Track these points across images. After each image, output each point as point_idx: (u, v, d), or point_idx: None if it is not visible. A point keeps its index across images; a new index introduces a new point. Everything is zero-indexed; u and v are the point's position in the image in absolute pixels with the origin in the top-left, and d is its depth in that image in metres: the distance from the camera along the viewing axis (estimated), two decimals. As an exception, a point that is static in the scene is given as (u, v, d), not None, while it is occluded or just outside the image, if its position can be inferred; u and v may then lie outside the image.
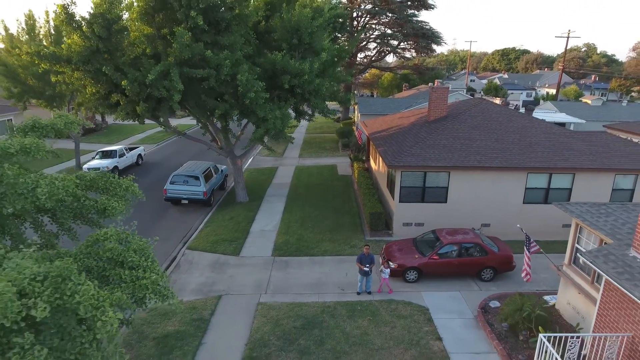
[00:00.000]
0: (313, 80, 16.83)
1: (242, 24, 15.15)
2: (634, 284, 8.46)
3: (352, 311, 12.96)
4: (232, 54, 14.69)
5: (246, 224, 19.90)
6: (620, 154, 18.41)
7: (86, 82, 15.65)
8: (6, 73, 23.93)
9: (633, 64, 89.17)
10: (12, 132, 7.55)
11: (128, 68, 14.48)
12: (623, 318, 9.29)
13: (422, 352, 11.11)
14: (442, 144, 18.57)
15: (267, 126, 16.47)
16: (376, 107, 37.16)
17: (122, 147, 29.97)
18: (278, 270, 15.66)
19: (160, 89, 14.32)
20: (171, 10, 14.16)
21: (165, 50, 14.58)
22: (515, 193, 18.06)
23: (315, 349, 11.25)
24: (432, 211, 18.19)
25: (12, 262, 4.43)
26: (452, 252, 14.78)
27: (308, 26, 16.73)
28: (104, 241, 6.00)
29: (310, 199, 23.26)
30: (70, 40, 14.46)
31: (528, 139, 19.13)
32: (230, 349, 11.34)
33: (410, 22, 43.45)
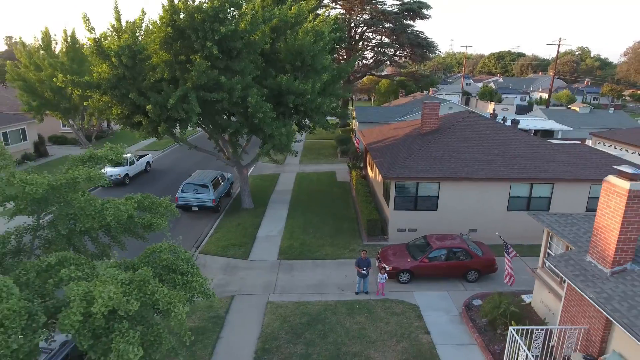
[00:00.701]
0: (315, 99, 18.52)
1: (252, 51, 16.80)
2: (586, 285, 10.14)
3: (351, 309, 14.61)
4: (243, 78, 16.35)
5: (253, 230, 21.52)
6: (596, 166, 20.12)
7: (113, 105, 17.29)
8: (25, 88, 25.46)
9: (624, 68, 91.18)
10: (72, 162, 9.12)
11: (150, 92, 16.13)
12: (580, 313, 10.99)
13: (412, 344, 12.78)
14: (433, 156, 20.26)
15: (274, 142, 18.17)
16: (373, 115, 38.86)
17: (132, 156, 31.50)
18: (284, 272, 17.30)
19: (179, 111, 15.98)
20: (188, 40, 15.80)
21: (183, 75, 16.25)
22: (499, 201, 19.76)
23: (319, 342, 12.89)
24: (424, 218, 19.87)
25: (105, 270, 6.01)
26: (441, 256, 16.46)
27: (310, 49, 18.40)
28: (160, 252, 7.59)
29: (312, 205, 24.89)
30: (100, 69, 16.07)
31: (512, 151, 20.84)
32: (244, 342, 12.97)
33: (406, 33, 45.18)
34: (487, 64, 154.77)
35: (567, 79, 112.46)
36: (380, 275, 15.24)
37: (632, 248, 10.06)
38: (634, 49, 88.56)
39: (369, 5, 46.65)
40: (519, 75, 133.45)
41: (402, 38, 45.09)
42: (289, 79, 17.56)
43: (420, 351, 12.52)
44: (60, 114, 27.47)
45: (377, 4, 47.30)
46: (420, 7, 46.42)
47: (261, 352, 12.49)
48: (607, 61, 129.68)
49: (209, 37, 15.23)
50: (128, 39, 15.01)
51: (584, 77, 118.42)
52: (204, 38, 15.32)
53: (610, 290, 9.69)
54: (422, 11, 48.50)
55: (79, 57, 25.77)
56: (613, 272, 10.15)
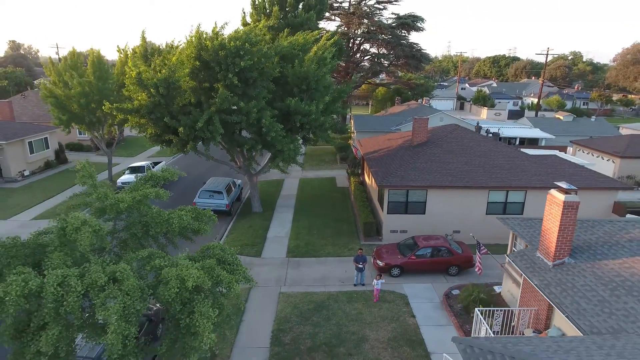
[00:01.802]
0: (319, 117, 21.37)
1: (265, 78, 19.60)
2: (534, 275, 13.02)
3: (350, 298, 17.45)
4: (258, 102, 19.17)
5: (263, 231, 24.34)
6: (564, 175, 23.01)
7: (148, 126, 20.08)
8: (56, 104, 28.24)
9: (613, 74, 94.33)
10: (138, 182, 11.86)
11: (180, 115, 18.94)
12: (532, 298, 13.86)
13: (400, 325, 15.63)
14: (422, 167, 23.14)
15: (284, 156, 21.02)
16: (370, 124, 41.78)
17: (149, 163, 34.29)
18: (292, 268, 20.14)
19: (205, 132, 18.77)
20: (212, 71, 18.59)
21: (207, 100, 19.06)
22: (479, 206, 22.63)
23: (324, 323, 15.73)
24: (413, 221, 22.73)
25: (182, 261, 8.78)
26: (427, 254, 19.33)
27: (314, 75, 21.25)
28: (212, 249, 10.34)
29: (314, 209, 27.72)
30: (139, 97, 18.86)
31: (491, 162, 23.73)
32: (263, 324, 15.80)
33: (401, 46, 48.09)
34: (482, 68, 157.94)
35: (559, 85, 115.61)
36: (376, 282, 17.21)
37: (568, 246, 12.95)
38: (622, 55, 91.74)
39: (366, 19, 49.60)
40: (514, 79, 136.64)
41: (397, 50, 48.01)
42: (297, 102, 20.41)
43: (406, 330, 15.37)
44: (85, 127, 30.21)
45: (373, 16, 50.26)
46: (415, 21, 49.36)
47: (277, 332, 15.32)
48: (599, 65, 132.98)
49: (230, 70, 18.05)
50: (165, 73, 17.82)
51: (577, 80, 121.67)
52: (226, 70, 18.14)
53: (550, 278, 12.57)
54: (417, 24, 51.47)
55: (104, 75, 28.55)
56: (554, 264, 13.03)
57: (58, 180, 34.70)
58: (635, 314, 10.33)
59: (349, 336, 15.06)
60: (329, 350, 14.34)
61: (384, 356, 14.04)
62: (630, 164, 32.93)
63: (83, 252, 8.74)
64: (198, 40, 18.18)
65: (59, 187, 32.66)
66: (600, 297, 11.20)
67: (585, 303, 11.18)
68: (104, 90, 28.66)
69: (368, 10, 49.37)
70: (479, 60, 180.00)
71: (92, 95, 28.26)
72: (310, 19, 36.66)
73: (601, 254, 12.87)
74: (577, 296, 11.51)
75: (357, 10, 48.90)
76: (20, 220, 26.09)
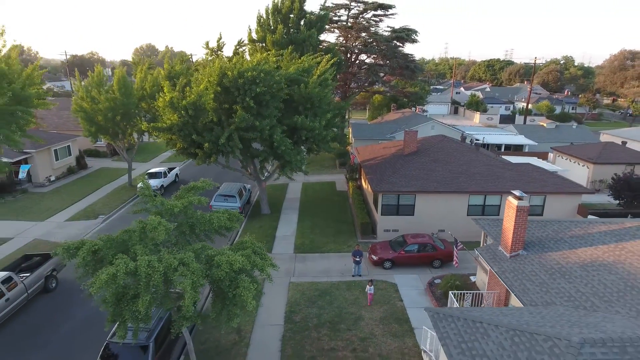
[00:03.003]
0: (321, 132, 24.71)
1: (276, 100, 22.92)
2: (494, 264, 16.37)
3: (349, 286, 20.78)
4: (270, 120, 22.50)
5: (272, 231, 27.64)
6: (535, 181, 26.42)
7: (177, 141, 23.39)
8: (85, 117, 31.53)
9: (601, 79, 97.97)
10: (183, 190, 15.09)
11: (205, 132, 22.25)
12: (495, 283, 17.21)
13: (390, 307, 18.97)
14: (411, 174, 26.50)
15: (291, 166, 24.37)
16: (367, 132, 45.14)
17: (165, 169, 37.56)
18: (299, 262, 23.46)
19: (227, 147, 22.07)
20: (232, 95, 21.89)
21: (227, 119, 22.37)
22: (461, 208, 25.99)
23: (327, 306, 19.05)
24: (404, 221, 26.08)
25: (227, 250, 12.02)
26: (414, 249, 22.67)
27: (317, 95, 24.60)
28: (245, 242, 13.59)
29: (317, 211, 31.05)
30: (171, 117, 22.16)
31: (472, 170, 27.10)
32: (277, 307, 19.11)
33: (396, 57, 51.46)
34: (477, 71, 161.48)
35: (551, 89, 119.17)
36: (369, 287, 19.62)
37: (522, 241, 16.31)
38: (609, 61, 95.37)
39: (364, 32, 52.94)
40: (507, 82, 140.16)
41: (392, 62, 51.38)
42: (303, 119, 23.74)
43: (395, 311, 18.72)
44: (109, 137, 33.51)
45: (370, 29, 53.60)
46: (409, 34, 52.74)
47: (289, 313, 18.65)
48: (590, 69, 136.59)
49: (247, 94, 21.36)
50: (193, 98, 21.11)
51: (568, 84, 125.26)
52: (243, 94, 21.45)
53: (507, 267, 15.93)
54: (411, 36, 54.87)
55: (128, 91, 31.85)
56: (511, 256, 16.39)
57: (81, 184, 37.95)
58: (564, 292, 13.69)
59: (348, 316, 18.39)
60: (332, 326, 17.68)
61: (376, 330, 17.39)
62: (602, 169, 36.33)
63: (154, 245, 12.04)
64: (221, 70, 21.49)
65: (83, 191, 35.92)
66: (541, 280, 14.57)
67: (530, 284, 14.54)
68: (128, 104, 32.01)
69: (366, 24, 52.72)
70: (475, 63, 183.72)
71: (117, 109, 31.58)
72: (311, 36, 40.15)
73: (547, 248, 16.24)
74: (525, 279, 14.88)
75: (355, 25, 52.24)
76: (56, 222, 29.33)
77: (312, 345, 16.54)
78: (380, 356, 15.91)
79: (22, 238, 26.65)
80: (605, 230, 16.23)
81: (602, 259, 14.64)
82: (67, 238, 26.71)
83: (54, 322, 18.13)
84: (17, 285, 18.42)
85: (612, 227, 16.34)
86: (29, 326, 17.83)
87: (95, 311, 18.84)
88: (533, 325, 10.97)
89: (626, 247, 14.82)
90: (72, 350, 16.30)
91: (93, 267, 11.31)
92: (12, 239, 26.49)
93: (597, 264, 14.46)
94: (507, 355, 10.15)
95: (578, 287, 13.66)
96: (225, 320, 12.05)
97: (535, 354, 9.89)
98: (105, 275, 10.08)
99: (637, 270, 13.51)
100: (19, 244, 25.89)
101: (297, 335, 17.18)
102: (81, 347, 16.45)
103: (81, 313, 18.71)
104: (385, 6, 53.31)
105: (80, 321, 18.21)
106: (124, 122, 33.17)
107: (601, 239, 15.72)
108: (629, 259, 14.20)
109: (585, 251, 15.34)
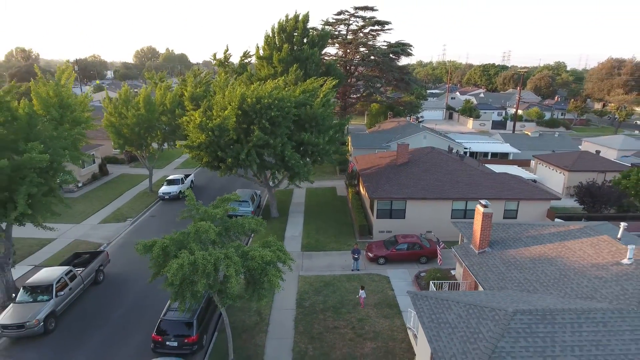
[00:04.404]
0: (325, 147, 28.77)
1: (287, 121, 26.99)
2: (465, 258, 20.40)
3: (349, 279, 24.78)
4: (282, 138, 26.55)
5: (281, 232, 31.63)
6: (509, 189, 30.47)
7: (204, 156, 27.46)
8: (115, 131, 35.55)
9: (589, 86, 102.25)
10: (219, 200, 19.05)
11: (227, 149, 26.32)
12: (467, 274, 21.22)
13: (383, 295, 22.98)
14: (403, 182, 30.54)
15: (300, 176, 28.42)
16: (365, 141, 49.17)
17: (182, 176, 41.53)
18: (306, 259, 27.46)
19: (246, 161, 26.13)
20: (250, 117, 25.95)
21: (246, 137, 26.42)
22: (445, 212, 30.01)
23: (331, 295, 23.06)
24: (396, 223, 30.10)
25: (258, 247, 15.94)
26: (404, 248, 26.69)
27: (321, 115, 28.63)
28: (270, 241, 17.55)
29: (320, 214, 35.05)
30: (200, 137, 26.20)
31: (455, 179, 31.15)
32: (290, 295, 23.10)
33: (392, 71, 55.61)
34: (473, 76, 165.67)
35: (543, 94, 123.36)
36: (361, 292, 22.76)
37: (487, 240, 20.33)
38: (597, 70, 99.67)
39: (363, 48, 57.09)
40: (502, 87, 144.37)
41: (388, 75, 55.54)
42: (309, 136, 27.80)
43: (387, 298, 22.74)
44: (134, 148, 37.52)
45: (367, 44, 57.77)
46: (404, 49, 56.96)
47: (300, 299, 22.66)
48: (582, 75, 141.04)
49: (263, 117, 25.43)
50: (219, 121, 25.14)
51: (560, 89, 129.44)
52: (260, 117, 25.52)
53: (475, 261, 19.95)
54: (406, 50, 59.06)
55: (152, 108, 35.86)
56: (479, 252, 20.42)
57: (106, 190, 41.90)
58: (515, 279, 17.71)
59: (348, 302, 22.40)
60: (335, 310, 21.70)
61: (371, 313, 21.42)
62: (576, 176, 40.34)
63: (204, 243, 16.05)
64: (241, 96, 25.51)
65: (109, 196, 39.88)
66: (499, 271, 18.61)
67: (491, 274, 18.58)
68: (151, 119, 36.02)
69: (365, 40, 56.87)
70: (472, 67, 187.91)
71: (142, 123, 35.60)
72: (314, 54, 44.28)
73: (508, 246, 20.28)
74: (488, 271, 18.91)
75: (354, 40, 56.38)
76: (90, 224, 33.29)
77: (319, 325, 20.55)
78: (374, 332, 19.95)
79: (64, 238, 30.61)
80: (554, 232, 20.28)
81: (547, 254, 18.69)
82: (103, 239, 30.80)
83: (107, 307, 22.12)
84: (76, 278, 22.40)
85: (559, 229, 20.40)
86: (87, 310, 21.82)
87: (138, 298, 22.94)
88: (484, 301, 15.00)
89: (566, 245, 18.87)
90: (128, 328, 20.31)
91: (163, 259, 15.31)
92: (55, 239, 30.43)
93: (543, 258, 18.50)
94: (462, 322, 14.17)
95: (526, 276, 17.71)
96: (257, 299, 16.08)
97: (482, 320, 13.91)
98: (176, 264, 14.06)
99: (571, 263, 17.56)
100: (63, 244, 29.85)
101: (307, 317, 21.20)
102: (134, 325, 20.46)
103: (127, 300, 22.71)
104: (381, 22, 57.56)
105: (128, 306, 22.20)
106: (147, 134, 37.20)
107: (549, 239, 19.77)
108: (566, 254, 18.24)
109: (536, 248, 19.39)
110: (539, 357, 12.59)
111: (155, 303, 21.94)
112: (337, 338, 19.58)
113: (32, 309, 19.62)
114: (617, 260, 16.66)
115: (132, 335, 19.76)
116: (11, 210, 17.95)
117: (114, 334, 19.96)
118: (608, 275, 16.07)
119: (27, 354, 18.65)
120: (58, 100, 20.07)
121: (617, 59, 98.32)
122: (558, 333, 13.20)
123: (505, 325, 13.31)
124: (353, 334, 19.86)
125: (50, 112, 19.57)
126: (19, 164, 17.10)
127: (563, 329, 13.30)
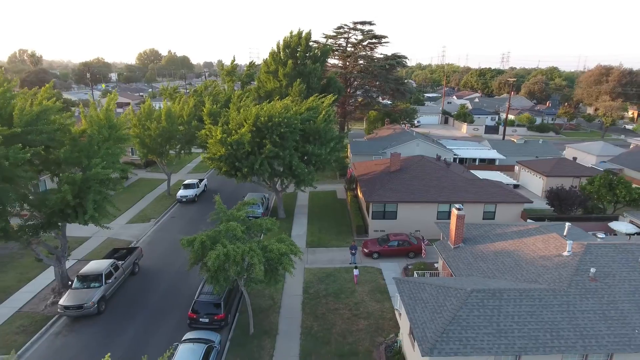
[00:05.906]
0: (327, 157, 33.14)
1: (294, 135, 31.38)
2: (443, 252, 24.73)
3: (347, 271, 29.11)
4: (289, 151, 30.94)
5: (288, 231, 35.94)
6: (488, 193, 34.80)
7: (223, 167, 31.85)
8: (139, 142, 39.96)
9: (579, 92, 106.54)
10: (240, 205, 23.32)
11: (244, 160, 30.72)
12: (445, 265, 25.55)
13: (376, 284, 27.32)
14: (395, 188, 34.87)
15: (305, 183, 32.80)
16: (363, 148, 53.50)
17: (197, 180, 45.89)
18: (311, 254, 31.80)
19: (259, 171, 30.49)
20: (262, 132, 30.35)
21: (258, 150, 30.79)
22: (432, 214, 34.32)
23: (332, 284, 27.40)
24: (389, 223, 34.42)
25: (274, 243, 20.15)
26: (395, 244, 31.02)
27: (323, 129, 33.00)
28: (281, 236, 21.74)
29: (322, 215, 39.37)
30: (220, 150, 30.56)
31: (441, 184, 35.48)
32: (297, 283, 27.43)
33: (388, 82, 59.96)
34: (470, 80, 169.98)
35: (537, 98, 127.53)
36: (355, 271, 28.05)
37: (461, 237, 24.65)
38: (586, 77, 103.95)
39: (362, 60, 61.46)
40: (498, 91, 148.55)
41: (385, 86, 59.90)
42: (313, 148, 32.17)
43: (379, 286, 27.08)
44: (156, 156, 41.92)
45: (366, 56, 62.15)
46: (399, 62, 61.36)
47: (306, 287, 27.01)
48: (574, 78, 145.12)
49: (274, 132, 29.83)
50: (237, 137, 29.50)
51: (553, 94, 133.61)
52: (271, 132, 29.92)
53: (451, 254, 24.26)
54: (402, 62, 63.44)
55: (172, 121, 40.26)
56: (454, 247, 24.74)
57: (128, 193, 46.20)
58: (480, 268, 22.03)
59: (346, 289, 26.75)
60: (335, 296, 26.04)
61: (365, 298, 25.76)
62: (554, 180, 44.61)
63: (232, 239, 20.40)
64: (256, 116, 29.93)
65: (132, 198, 44.21)
66: (468, 262, 22.94)
67: (462, 264, 22.91)
68: (172, 130, 40.42)
69: (364, 53, 61.25)
70: (469, 70, 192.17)
71: (164, 134, 40.00)
72: (316, 69, 48.70)
73: (477, 242, 24.60)
74: (459, 262, 23.24)
75: (354, 53, 60.76)
76: (119, 224, 37.63)
77: (322, 307, 24.90)
78: (367, 313, 24.30)
79: (98, 237, 34.96)
80: (515, 230, 24.62)
81: (507, 248, 23.02)
82: (132, 237, 35.16)
83: (145, 293, 26.48)
84: (119, 269, 26.76)
85: (520, 228, 24.74)
86: (129, 296, 26.18)
87: (170, 286, 27.27)
88: (451, 284, 19.35)
89: (523, 241, 23.20)
90: (165, 309, 24.68)
91: (202, 251, 19.67)
92: (90, 237, 34.79)
93: (504, 251, 22.83)
94: (433, 299, 18.51)
95: (489, 265, 22.04)
96: (274, 283, 20.46)
97: (447, 297, 18.24)
98: (214, 255, 18.41)
99: (524, 255, 21.87)
100: (97, 242, 34.21)
101: (312, 301, 25.55)
102: (170, 307, 24.82)
103: (161, 287, 27.07)
104: (379, 36, 61.91)
105: (162, 292, 26.56)
106: (167, 143, 41.58)
107: (510, 236, 24.11)
108: (522, 248, 22.56)
109: (500, 243, 23.72)
110: (487, 322, 16.95)
111: (184, 290, 26.31)
112: (337, 317, 23.92)
113: (87, 294, 23.99)
114: (559, 253, 20.99)
115: (170, 314, 24.12)
116: (81, 214, 22.35)
117: (155, 313, 24.32)
118: (551, 264, 20.40)
119: (86, 328, 23.01)
120: (107, 122, 24.35)
121: (605, 67, 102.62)
122: (503, 306, 17.55)
123: (464, 300, 17.65)
124: (350, 314, 24.20)
125: (102, 132, 23.88)
126: (87, 177, 21.49)
127: (507, 303, 17.65)
